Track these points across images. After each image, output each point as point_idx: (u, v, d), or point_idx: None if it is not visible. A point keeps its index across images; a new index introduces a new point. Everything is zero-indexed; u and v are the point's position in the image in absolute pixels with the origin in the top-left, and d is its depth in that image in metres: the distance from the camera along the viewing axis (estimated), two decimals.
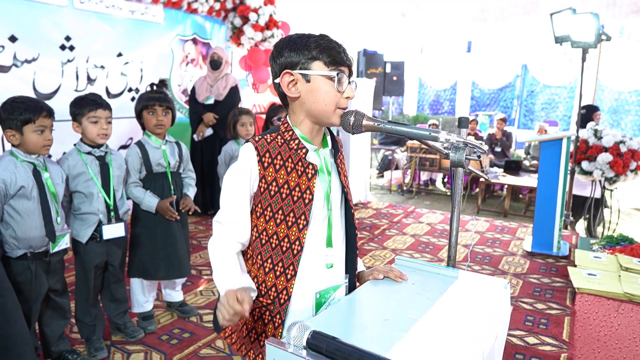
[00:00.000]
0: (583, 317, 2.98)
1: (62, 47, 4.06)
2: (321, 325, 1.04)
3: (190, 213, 2.74)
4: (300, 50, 1.18)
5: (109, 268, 2.47)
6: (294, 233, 1.22)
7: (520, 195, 7.35)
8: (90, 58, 4.30)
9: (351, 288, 1.39)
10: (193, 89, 4.84)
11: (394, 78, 9.26)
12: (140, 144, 2.58)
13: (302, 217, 1.22)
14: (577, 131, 4.67)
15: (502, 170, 7.28)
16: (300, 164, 1.23)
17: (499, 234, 4.75)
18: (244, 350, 1.30)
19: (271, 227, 1.23)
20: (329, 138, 1.32)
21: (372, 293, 1.34)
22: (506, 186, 6.55)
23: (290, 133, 1.24)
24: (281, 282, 1.24)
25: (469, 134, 8.26)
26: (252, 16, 5.29)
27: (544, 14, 5.43)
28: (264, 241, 1.25)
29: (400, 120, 12.78)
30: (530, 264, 3.88)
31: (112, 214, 2.37)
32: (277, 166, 1.22)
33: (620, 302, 3.09)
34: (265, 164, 1.22)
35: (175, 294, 2.91)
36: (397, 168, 8.72)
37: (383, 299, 1.31)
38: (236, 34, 5.43)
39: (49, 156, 2.26)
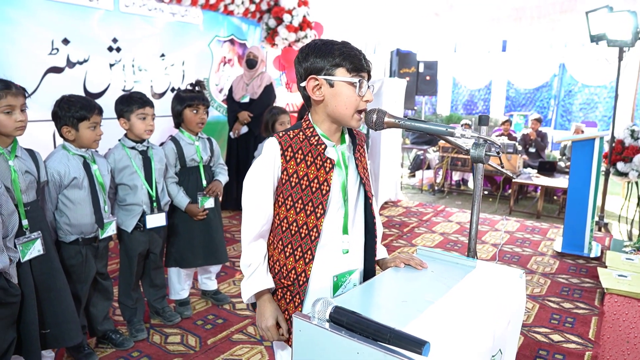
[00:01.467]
0: (612, 317, 2.97)
1: (110, 49, 4.31)
2: (344, 303, 1.14)
3: (216, 195, 2.84)
4: (324, 56, 1.29)
5: (150, 256, 2.65)
6: (312, 221, 1.34)
7: (555, 197, 7.22)
8: (136, 59, 4.54)
9: (369, 272, 1.49)
10: (230, 88, 5.00)
11: (427, 78, 9.20)
12: (174, 140, 2.74)
13: (320, 207, 1.33)
14: (612, 131, 4.59)
15: (535, 171, 7.17)
16: (319, 158, 1.34)
17: (529, 234, 4.72)
18: None
19: (291, 215, 1.35)
20: (346, 136, 1.43)
21: (392, 278, 1.43)
22: (540, 187, 6.45)
23: (311, 130, 1.36)
24: (300, 266, 1.35)
25: (502, 134, 8.18)
26: (286, 17, 5.44)
27: (582, 12, 5.34)
28: (284, 228, 1.37)
29: (434, 120, 12.69)
30: (559, 264, 3.86)
31: (155, 204, 2.54)
32: (298, 160, 1.34)
33: None
34: (288, 157, 1.34)
35: (210, 283, 3.07)
36: (429, 168, 8.70)
37: (402, 283, 1.40)
38: (270, 35, 5.59)
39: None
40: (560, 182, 6.18)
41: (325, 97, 1.32)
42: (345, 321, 1.07)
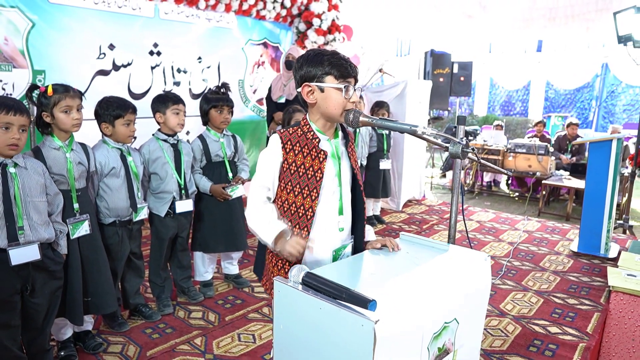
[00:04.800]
0: (618, 315, 3.03)
1: (151, 53, 4.70)
2: (324, 273, 1.37)
3: (242, 184, 3.10)
4: (316, 66, 1.54)
5: (178, 239, 2.95)
6: (307, 203, 1.58)
7: None
8: (175, 62, 4.91)
9: (357, 249, 1.71)
10: (270, 88, 5.17)
11: (462, 78, 9.17)
12: (201, 138, 3.03)
13: (314, 191, 1.58)
14: (639, 133, 4.56)
15: (567, 173, 7.09)
16: (314, 150, 1.59)
17: (548, 234, 4.75)
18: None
19: (291, 198, 1.60)
20: (340, 132, 1.67)
21: (370, 256, 1.65)
22: (571, 189, 6.40)
23: (308, 127, 1.61)
24: None
25: (534, 136, 8.10)
26: (316, 21, 5.68)
27: None
28: (285, 209, 1.62)
29: (470, 121, 12.48)
30: (573, 263, 3.90)
31: (183, 192, 2.85)
32: (296, 151, 1.58)
33: None
34: (287, 149, 1.59)
35: (232, 268, 3.36)
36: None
37: (377, 260, 1.62)
38: (301, 38, 5.85)
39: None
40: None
41: (317, 100, 1.57)
42: (313, 284, 1.31)
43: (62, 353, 2.36)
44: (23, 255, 1.95)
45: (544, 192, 6.81)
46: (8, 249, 1.91)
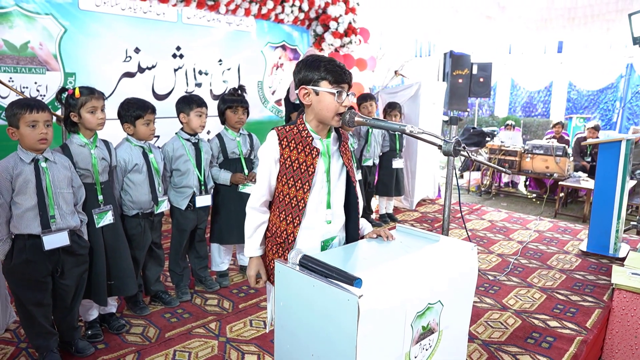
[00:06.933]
0: (620, 313, 3.10)
1: (174, 56, 4.94)
2: (320, 256, 1.53)
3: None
4: (312, 70, 1.69)
5: (197, 230, 3.16)
6: (300, 194, 1.73)
7: None
8: (197, 64, 5.15)
9: (352, 240, 1.85)
10: (288, 89, 5.42)
11: (481, 79, 9.18)
12: (219, 136, 3.23)
13: (306, 184, 1.73)
14: None
15: (585, 174, 7.06)
16: (308, 147, 1.73)
17: (559, 234, 4.79)
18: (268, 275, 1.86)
19: (285, 190, 1.75)
20: (332, 133, 1.81)
21: (365, 244, 1.80)
22: (588, 191, 6.38)
23: (303, 126, 1.76)
24: (290, 228, 1.75)
25: (553, 137, 8.06)
26: (333, 24, 5.84)
27: None
28: (281, 200, 1.77)
29: (490, 122, 12.45)
30: (581, 262, 3.95)
31: (203, 187, 3.05)
32: (291, 147, 1.73)
33: None
34: (284, 146, 1.74)
35: (247, 260, 3.53)
36: (478, 169, 8.75)
37: (370, 247, 1.76)
38: (318, 41, 6.02)
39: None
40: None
41: (312, 102, 1.72)
42: (308, 265, 1.47)
43: (89, 332, 2.58)
44: (54, 240, 2.18)
45: (561, 194, 6.81)
46: (42, 235, 2.14)
